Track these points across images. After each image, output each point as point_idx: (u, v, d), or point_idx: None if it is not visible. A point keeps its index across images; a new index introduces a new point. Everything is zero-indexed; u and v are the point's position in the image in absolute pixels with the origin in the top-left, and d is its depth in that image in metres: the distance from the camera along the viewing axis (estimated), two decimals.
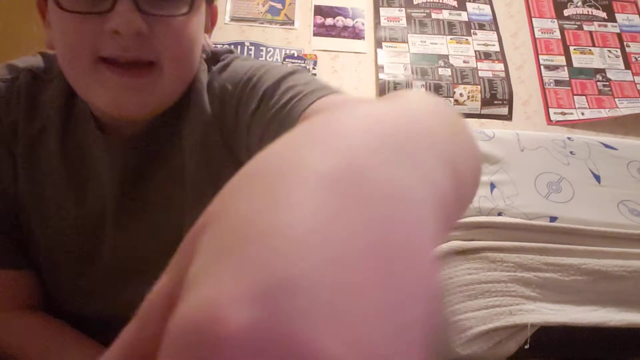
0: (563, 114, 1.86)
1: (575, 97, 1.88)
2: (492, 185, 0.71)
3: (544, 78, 1.92)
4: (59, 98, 0.44)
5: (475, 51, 1.93)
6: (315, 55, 1.84)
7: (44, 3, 0.42)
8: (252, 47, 1.88)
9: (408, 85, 1.85)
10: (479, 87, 1.86)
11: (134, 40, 0.36)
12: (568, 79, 1.91)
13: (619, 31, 2.01)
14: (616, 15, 2.04)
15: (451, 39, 1.96)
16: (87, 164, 0.44)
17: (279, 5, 1.98)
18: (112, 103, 0.39)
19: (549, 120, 1.85)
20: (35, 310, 0.45)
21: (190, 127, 0.42)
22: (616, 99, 1.86)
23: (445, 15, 2.01)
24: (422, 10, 2.02)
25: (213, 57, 0.46)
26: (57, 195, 0.44)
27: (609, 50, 1.96)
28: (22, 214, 0.45)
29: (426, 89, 1.85)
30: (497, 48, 1.95)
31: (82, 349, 0.41)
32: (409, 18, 2.00)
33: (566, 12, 2.05)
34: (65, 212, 0.44)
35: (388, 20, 1.99)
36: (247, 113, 0.39)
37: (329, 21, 1.97)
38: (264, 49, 1.89)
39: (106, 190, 0.43)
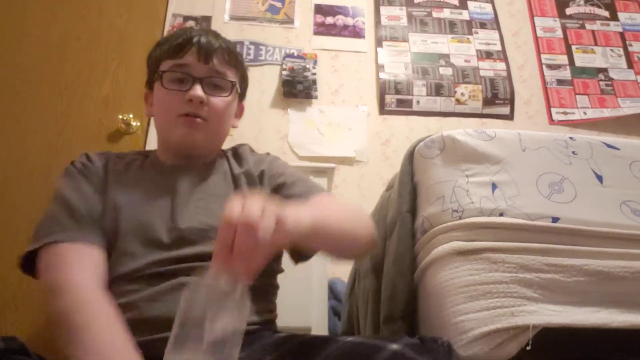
0: (565, 113, 1.85)
1: (577, 96, 1.87)
2: (494, 186, 0.70)
3: (545, 77, 1.91)
4: (136, 155, 0.79)
5: (476, 50, 1.92)
6: (315, 54, 1.83)
7: (149, 92, 0.80)
8: (252, 46, 1.87)
9: (409, 84, 1.85)
10: (480, 86, 1.85)
11: (198, 105, 0.72)
12: (570, 78, 1.90)
13: (621, 30, 2.00)
14: (619, 14, 2.03)
15: (452, 38, 1.95)
16: (159, 176, 0.73)
17: (278, 4, 1.97)
18: (184, 136, 0.72)
19: (551, 120, 1.84)
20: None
21: (220, 166, 0.79)
22: (619, 99, 1.85)
23: (446, 14, 2.00)
24: (423, 9, 2.01)
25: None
26: (135, 199, 0.69)
27: (612, 49, 1.95)
28: (110, 214, 0.67)
29: (427, 89, 1.84)
30: (498, 47, 1.94)
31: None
32: (409, 17, 1.99)
33: (568, 11, 2.04)
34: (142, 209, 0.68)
35: (388, 19, 1.98)
36: (272, 181, 0.76)
37: (329, 20, 1.96)
38: (263, 47, 1.88)
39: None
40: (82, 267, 0.59)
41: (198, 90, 0.71)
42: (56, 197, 0.69)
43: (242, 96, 0.83)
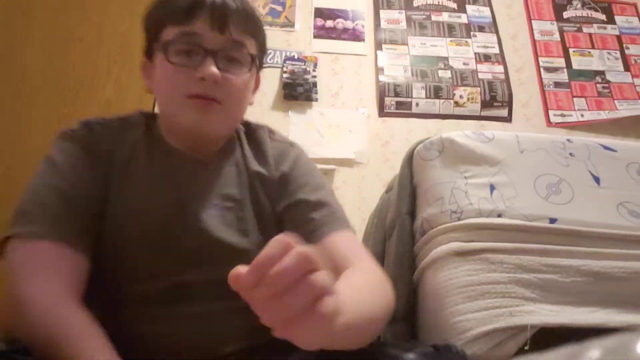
0: (562, 115, 1.86)
1: (574, 99, 1.89)
2: (492, 187, 0.71)
3: (543, 80, 1.92)
4: (141, 136, 0.64)
5: (475, 53, 1.94)
6: (315, 57, 1.84)
7: (148, 62, 0.66)
8: None
9: (408, 87, 1.86)
10: (478, 89, 1.86)
11: (212, 85, 0.58)
12: (567, 80, 1.92)
13: (618, 33, 2.01)
14: (615, 17, 2.05)
15: (451, 41, 1.96)
16: (169, 171, 0.62)
17: (279, 8, 1.98)
18: (195, 122, 0.59)
19: (549, 122, 1.85)
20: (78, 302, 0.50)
21: (237, 152, 0.68)
22: (615, 101, 1.87)
23: (445, 17, 2.02)
24: (422, 13, 2.03)
25: (260, 126, 0.73)
26: (142, 194, 0.58)
27: (609, 52, 1.97)
28: (110, 211, 0.56)
29: (426, 91, 1.85)
30: (496, 50, 1.96)
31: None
32: (408, 20, 2.00)
33: (565, 15, 2.06)
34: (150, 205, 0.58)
35: (388, 23, 1.99)
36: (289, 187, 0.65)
37: (329, 23, 1.97)
38: None
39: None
40: (55, 276, 0.49)
41: (212, 67, 0.56)
42: (48, 169, 0.57)
43: (259, 67, 0.68)
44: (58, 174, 0.56)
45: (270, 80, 1.83)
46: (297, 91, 1.79)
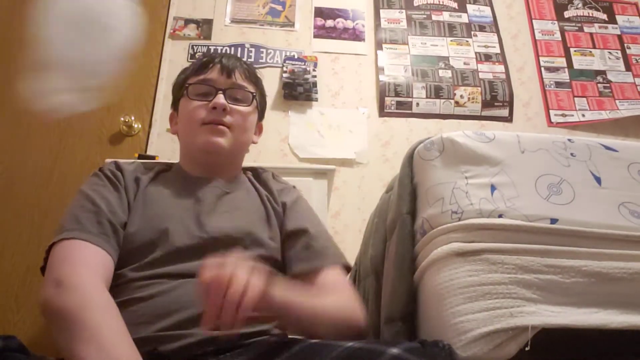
0: (564, 115, 1.86)
1: (575, 98, 1.88)
2: (493, 187, 0.71)
3: (544, 80, 1.92)
4: (162, 166, 0.84)
5: (475, 53, 1.93)
6: (315, 57, 1.84)
7: (174, 113, 0.87)
8: (253, 49, 1.88)
9: (408, 87, 1.85)
10: (479, 88, 1.86)
11: (221, 113, 0.77)
12: (569, 80, 1.91)
13: (619, 33, 2.01)
14: (617, 16, 2.04)
15: (451, 40, 1.96)
16: (186, 192, 0.76)
17: (279, 7, 1.98)
18: (207, 141, 0.76)
19: (550, 122, 1.85)
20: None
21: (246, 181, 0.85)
22: (617, 101, 1.86)
23: (445, 17, 2.01)
24: (423, 12, 2.02)
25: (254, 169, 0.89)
26: (164, 208, 0.72)
27: (610, 52, 1.96)
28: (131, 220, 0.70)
29: (427, 91, 1.85)
30: (497, 50, 1.95)
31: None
32: (409, 20, 2.00)
33: (567, 14, 2.05)
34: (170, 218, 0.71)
35: (388, 22, 1.99)
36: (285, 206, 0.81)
37: (329, 23, 1.97)
38: (264, 50, 1.89)
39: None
40: (89, 265, 0.60)
41: (221, 99, 0.77)
42: (81, 197, 0.70)
43: (261, 115, 0.88)
44: (85, 198, 0.70)
45: (271, 80, 1.83)
46: (297, 91, 1.79)
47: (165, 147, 1.61)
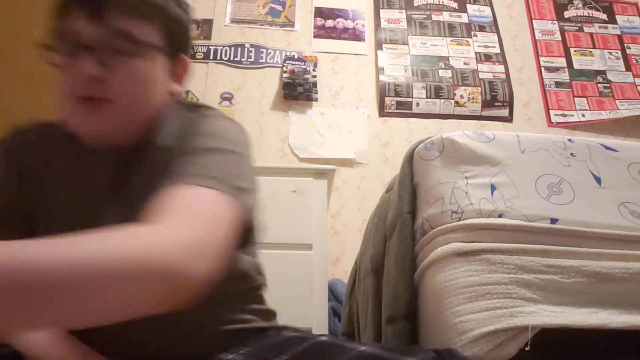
0: (564, 115, 1.86)
1: (575, 98, 1.88)
2: (493, 187, 0.71)
3: (544, 80, 1.92)
4: (62, 135, 0.58)
5: (475, 53, 1.93)
6: (315, 57, 1.84)
7: None
8: (253, 49, 1.88)
9: (408, 87, 1.85)
10: (479, 88, 1.86)
11: (89, 84, 0.50)
12: (568, 80, 1.91)
13: (619, 33, 2.01)
14: (617, 17, 2.05)
15: (451, 40, 1.96)
16: (86, 168, 0.57)
17: (279, 7, 1.98)
18: (80, 129, 0.52)
19: (550, 122, 1.85)
20: None
21: (157, 144, 0.56)
22: (617, 101, 1.86)
23: (445, 17, 2.01)
24: (423, 12, 2.02)
25: (194, 105, 0.60)
26: (61, 191, 0.56)
27: (610, 52, 1.96)
28: (31, 209, 0.56)
29: (426, 91, 1.85)
30: (497, 50, 1.95)
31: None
32: (409, 20, 2.00)
33: (566, 14, 2.05)
34: (67, 201, 0.55)
35: (388, 22, 1.99)
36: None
37: (330, 23, 1.97)
38: (264, 50, 1.89)
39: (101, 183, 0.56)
40: None
41: (84, 64, 0.50)
42: None
43: (181, 50, 0.58)
44: None
45: (271, 80, 1.83)
46: (297, 91, 1.79)
47: None
